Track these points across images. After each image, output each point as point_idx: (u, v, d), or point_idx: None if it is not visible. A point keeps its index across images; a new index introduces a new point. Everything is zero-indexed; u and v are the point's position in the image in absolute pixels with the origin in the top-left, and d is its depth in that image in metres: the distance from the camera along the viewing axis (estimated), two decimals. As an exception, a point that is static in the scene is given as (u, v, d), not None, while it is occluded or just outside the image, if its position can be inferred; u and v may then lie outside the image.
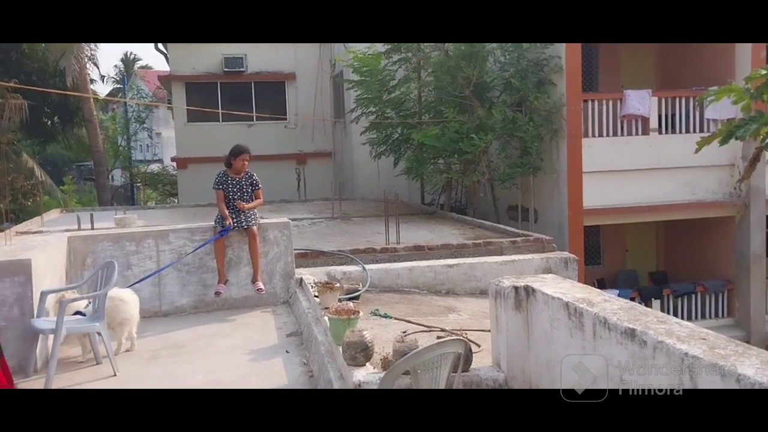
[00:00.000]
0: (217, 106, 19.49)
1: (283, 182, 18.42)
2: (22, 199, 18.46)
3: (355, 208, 14.33)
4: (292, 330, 6.09)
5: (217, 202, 7.12)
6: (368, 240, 9.40)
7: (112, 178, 30.81)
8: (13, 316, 5.12)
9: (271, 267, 7.18)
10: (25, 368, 5.04)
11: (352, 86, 14.26)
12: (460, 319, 6.44)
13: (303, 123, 20.20)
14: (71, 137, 24.87)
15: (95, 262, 6.60)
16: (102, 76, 50.54)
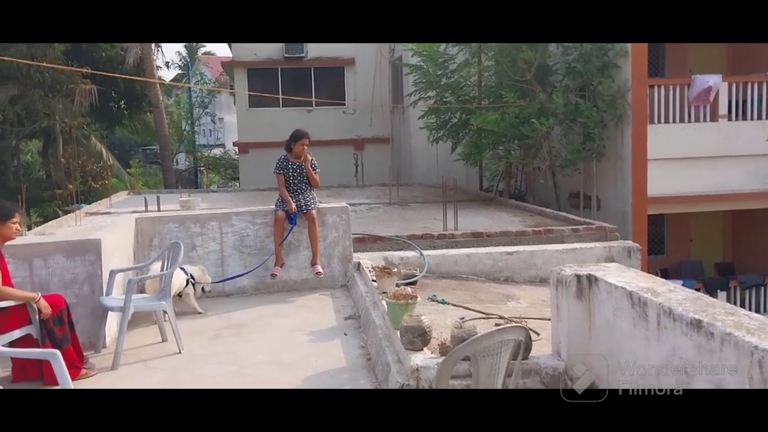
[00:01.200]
0: (278, 91, 19.73)
1: (341, 167, 18.55)
2: (92, 181, 19.14)
3: (413, 194, 14.32)
4: (350, 313, 6.15)
5: (278, 186, 7.22)
6: (426, 226, 9.40)
7: (176, 161, 31.62)
8: (84, 294, 5.32)
9: (329, 251, 7.26)
10: (94, 344, 5.24)
11: (411, 71, 14.20)
12: (519, 306, 6.39)
13: (361, 108, 20.27)
14: (138, 122, 25.61)
15: (161, 242, 6.80)
16: (167, 62, 51.67)
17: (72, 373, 4.18)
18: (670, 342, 3.19)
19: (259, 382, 4.52)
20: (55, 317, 4.47)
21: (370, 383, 4.44)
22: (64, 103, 17.76)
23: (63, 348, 4.29)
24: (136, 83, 20.51)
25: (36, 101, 17.31)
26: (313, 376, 4.60)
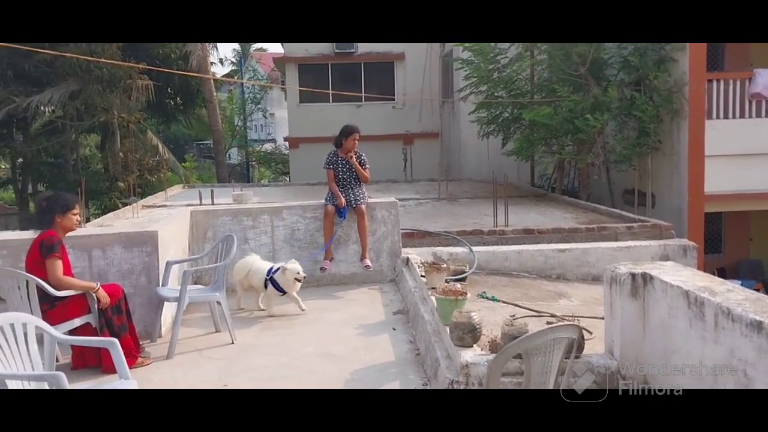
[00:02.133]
0: (328, 87, 19.87)
1: (390, 162, 18.57)
2: (148, 174, 19.63)
3: (462, 189, 14.24)
4: (398, 308, 6.17)
5: (328, 181, 7.29)
6: (475, 222, 9.34)
7: (229, 156, 32.18)
8: (141, 284, 5.47)
9: (378, 245, 7.28)
10: (150, 333, 5.39)
11: (462, 66, 14.10)
12: (571, 304, 6.29)
13: (411, 103, 20.23)
14: (192, 117, 26.13)
15: (215, 235, 6.94)
16: (220, 59, 52.55)
17: (129, 361, 4.29)
18: (728, 343, 3.11)
19: (310, 374, 4.58)
20: (113, 306, 4.61)
21: (419, 378, 4.44)
22: (122, 99, 18.23)
23: (121, 336, 4.42)
24: (192, 79, 20.92)
25: (94, 96, 17.80)
26: (362, 370, 4.62)
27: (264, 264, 6.22)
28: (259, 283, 6.09)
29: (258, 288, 6.16)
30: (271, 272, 6.04)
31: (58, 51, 15.24)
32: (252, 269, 6.16)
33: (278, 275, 5.98)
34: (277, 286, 5.99)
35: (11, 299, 4.44)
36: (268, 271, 6.06)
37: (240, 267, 6.24)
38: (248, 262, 6.25)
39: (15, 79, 18.11)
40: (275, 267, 6.08)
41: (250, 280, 6.17)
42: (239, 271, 6.23)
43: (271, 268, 6.07)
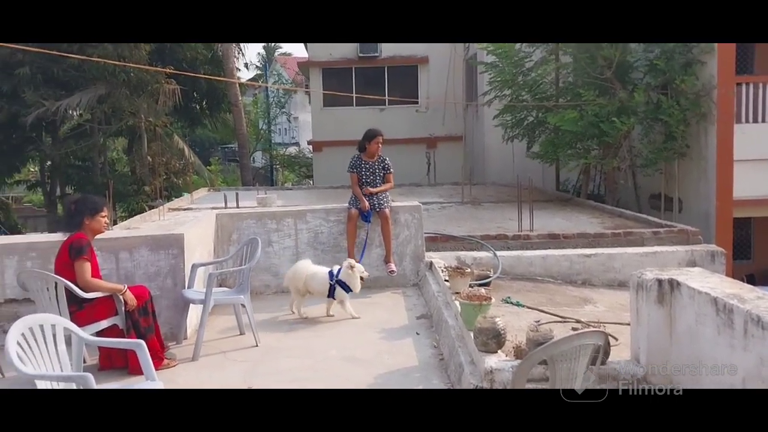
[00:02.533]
0: (352, 90, 19.93)
1: (414, 166, 18.57)
2: (174, 177, 19.83)
3: (486, 193, 14.19)
4: (421, 312, 6.15)
5: (351, 185, 7.30)
6: (499, 226, 9.29)
7: (253, 159, 32.41)
8: (167, 287, 5.53)
9: (401, 249, 7.28)
10: (176, 335, 5.44)
11: (486, 69, 14.05)
12: (597, 310, 6.23)
13: (434, 107, 20.22)
14: (218, 121, 26.36)
15: (240, 238, 6.99)
16: (245, 63, 52.99)
17: (155, 363, 4.32)
18: (757, 351, 3.06)
19: (334, 377, 4.59)
20: (139, 308, 4.66)
21: (442, 383, 4.43)
22: (149, 103, 18.44)
23: (147, 338, 4.46)
24: (217, 83, 21.12)
25: (122, 100, 18.03)
26: (386, 374, 4.62)
27: (319, 268, 6.14)
28: (321, 287, 6.01)
29: (319, 293, 6.06)
30: (335, 275, 5.98)
31: (86, 55, 15.49)
32: (309, 273, 6.05)
33: (346, 274, 5.95)
34: (345, 286, 5.97)
35: (40, 300, 4.51)
36: (331, 275, 5.99)
37: (297, 273, 6.10)
38: (304, 267, 6.13)
39: (44, 83, 18.41)
40: (336, 269, 6.04)
41: (309, 285, 6.04)
42: (296, 278, 6.08)
43: (331, 271, 6.02)
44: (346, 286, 5.96)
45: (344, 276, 5.95)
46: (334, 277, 5.97)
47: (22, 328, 3.21)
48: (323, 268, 6.14)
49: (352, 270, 5.95)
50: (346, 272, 5.95)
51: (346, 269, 5.96)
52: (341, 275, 5.95)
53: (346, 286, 5.96)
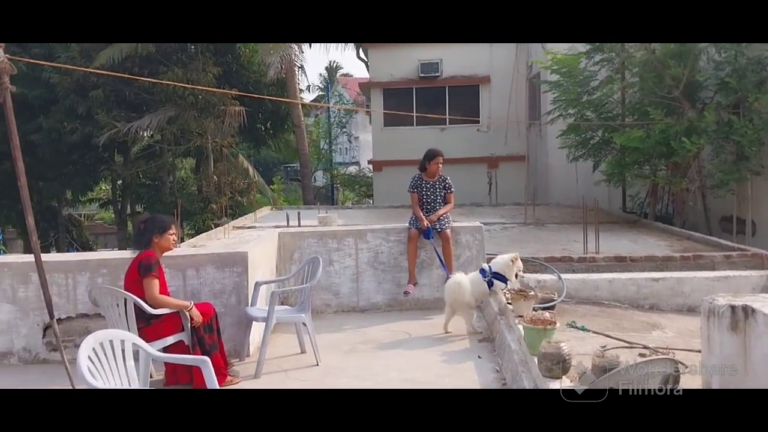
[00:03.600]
0: (412, 110, 20.02)
1: (475, 186, 18.44)
2: (239, 196, 20.26)
3: (550, 214, 13.94)
4: (483, 336, 6.05)
5: (412, 204, 7.28)
6: (564, 248, 9.10)
7: (314, 179, 32.84)
8: (231, 304, 5.62)
9: (462, 270, 7.18)
10: (239, 352, 5.51)
11: (550, 88, 13.88)
12: (665, 336, 6.00)
13: (496, 126, 20.08)
14: (281, 141, 26.86)
15: (301, 256, 7.06)
16: (308, 86, 53.94)
17: (219, 379, 4.39)
18: None
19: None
20: (205, 325, 4.74)
21: (505, 408, 4.32)
22: (215, 124, 18.96)
23: (211, 355, 4.53)
24: (281, 105, 21.56)
25: (190, 122, 18.61)
26: (447, 398, 4.54)
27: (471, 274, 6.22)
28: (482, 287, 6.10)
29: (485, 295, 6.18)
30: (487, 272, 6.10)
31: (157, 79, 16.07)
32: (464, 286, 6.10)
33: (506, 265, 6.06)
34: (502, 278, 6.08)
35: (110, 316, 4.65)
36: (483, 273, 6.12)
37: (461, 286, 6.12)
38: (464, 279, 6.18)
39: (117, 105, 19.19)
40: (485, 266, 6.17)
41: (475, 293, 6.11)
42: (453, 292, 6.14)
43: (483, 270, 6.14)
44: (503, 277, 6.07)
45: (503, 267, 6.07)
46: (487, 274, 6.09)
47: (93, 343, 3.30)
48: (471, 273, 6.27)
49: (513, 262, 6.07)
50: (506, 263, 6.07)
51: (507, 261, 6.08)
52: (499, 267, 6.08)
53: (502, 278, 6.08)
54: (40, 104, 19.36)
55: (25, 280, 5.57)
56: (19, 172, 4.57)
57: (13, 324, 5.60)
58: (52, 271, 5.37)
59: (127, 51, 18.18)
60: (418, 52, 20.90)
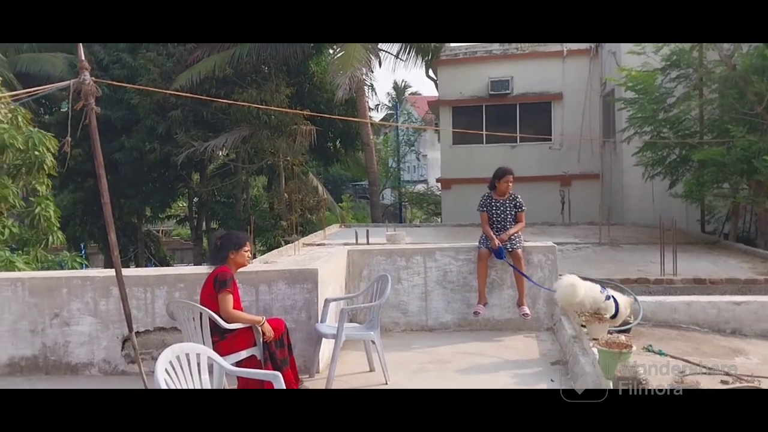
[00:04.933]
0: (482, 128, 19.91)
1: (547, 204, 18.13)
2: (308, 213, 20.59)
3: (625, 234, 13.55)
4: (556, 358, 5.91)
5: (481, 223, 7.19)
6: (640, 269, 8.83)
7: (382, 196, 33.05)
8: (301, 320, 5.69)
9: (534, 291, 7.06)
10: (309, 368, 5.56)
11: (625, 105, 13.57)
12: (749, 363, 5.71)
13: (568, 144, 19.74)
14: (350, 159, 27.19)
15: (370, 274, 7.09)
16: (377, 105, 54.57)
17: (289, 394, 4.46)
18: None
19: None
20: (276, 340, 4.81)
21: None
22: (287, 143, 19.35)
23: (282, 370, 4.58)
24: (351, 124, 21.86)
25: (263, 141, 19.07)
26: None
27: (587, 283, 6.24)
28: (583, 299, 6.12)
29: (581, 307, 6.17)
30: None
31: (232, 100, 16.58)
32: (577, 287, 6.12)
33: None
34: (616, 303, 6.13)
35: (186, 329, 4.78)
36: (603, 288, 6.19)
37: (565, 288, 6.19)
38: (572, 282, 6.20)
39: (194, 125, 19.88)
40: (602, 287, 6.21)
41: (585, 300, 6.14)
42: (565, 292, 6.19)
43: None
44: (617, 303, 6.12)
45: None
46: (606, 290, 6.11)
47: (170, 356, 3.40)
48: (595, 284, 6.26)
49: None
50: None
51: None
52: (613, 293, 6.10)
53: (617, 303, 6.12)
54: (122, 125, 20.24)
55: (106, 293, 5.80)
56: (103, 189, 4.79)
57: (94, 336, 5.83)
58: (131, 286, 5.58)
59: (204, 73, 18.84)
60: (488, 70, 20.84)
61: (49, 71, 20.80)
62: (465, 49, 22.01)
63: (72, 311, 5.83)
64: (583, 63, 20.03)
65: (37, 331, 5.84)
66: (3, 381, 5.66)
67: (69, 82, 4.69)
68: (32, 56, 21.83)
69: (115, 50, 20.86)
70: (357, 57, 17.72)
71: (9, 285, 5.88)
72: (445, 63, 21.92)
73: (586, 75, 19.81)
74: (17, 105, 10.70)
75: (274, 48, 19.31)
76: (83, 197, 21.23)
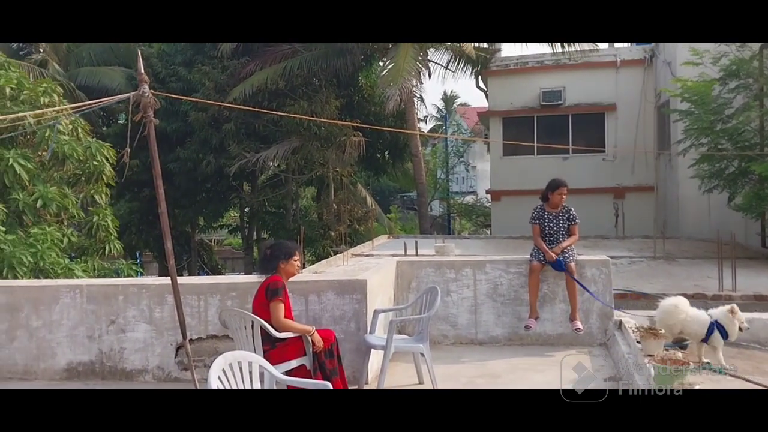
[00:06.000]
0: (533, 139, 19.70)
1: (600, 217, 17.80)
2: (357, 224, 20.69)
3: (681, 248, 13.19)
4: (609, 374, 5.77)
5: (533, 236, 7.09)
6: (697, 284, 8.57)
7: (431, 208, 32.99)
8: (350, 330, 5.69)
9: (587, 306, 6.91)
10: (358, 379, 5.55)
11: (681, 117, 13.25)
12: (816, 384, 5.45)
13: (622, 155, 19.37)
14: (399, 170, 27.24)
15: (419, 286, 7.05)
16: (425, 116, 54.66)
17: (338, 405, 4.46)
18: None
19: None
20: (326, 350, 4.83)
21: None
22: (337, 154, 19.53)
23: (332, 380, 4.60)
24: (400, 135, 21.92)
25: (313, 152, 19.29)
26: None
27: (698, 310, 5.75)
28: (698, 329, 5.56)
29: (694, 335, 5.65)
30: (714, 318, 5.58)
31: (284, 112, 16.83)
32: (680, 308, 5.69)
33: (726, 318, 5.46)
34: (723, 331, 5.48)
35: (238, 338, 4.84)
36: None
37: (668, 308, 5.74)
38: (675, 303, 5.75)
39: (247, 137, 20.24)
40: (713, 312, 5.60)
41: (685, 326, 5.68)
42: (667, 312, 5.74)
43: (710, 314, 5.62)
44: (724, 331, 5.47)
45: (723, 319, 5.46)
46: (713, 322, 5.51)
47: (223, 364, 3.44)
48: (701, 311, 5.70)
49: (732, 314, 5.46)
50: (726, 316, 5.46)
51: (726, 312, 5.49)
52: (720, 318, 5.46)
53: (723, 331, 5.47)
54: (177, 136, 20.75)
55: (161, 301, 5.92)
56: (160, 199, 4.90)
57: (149, 343, 5.96)
58: (185, 294, 5.67)
59: (257, 86, 19.18)
60: (539, 80, 20.65)
61: (107, 84, 21.51)
62: (516, 60, 21.86)
63: (128, 318, 5.97)
64: (637, 73, 19.65)
65: (94, 337, 6.00)
66: (61, 385, 5.83)
67: (129, 95, 4.82)
68: (91, 69, 22.62)
69: (171, 64, 21.44)
70: (407, 68, 17.76)
71: (68, 292, 6.06)
72: (496, 73, 21.80)
73: (641, 85, 19.44)
74: (77, 117, 11.09)
75: (324, 60, 19.54)
76: (139, 207, 21.80)
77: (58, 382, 5.91)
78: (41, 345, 6.03)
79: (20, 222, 10.04)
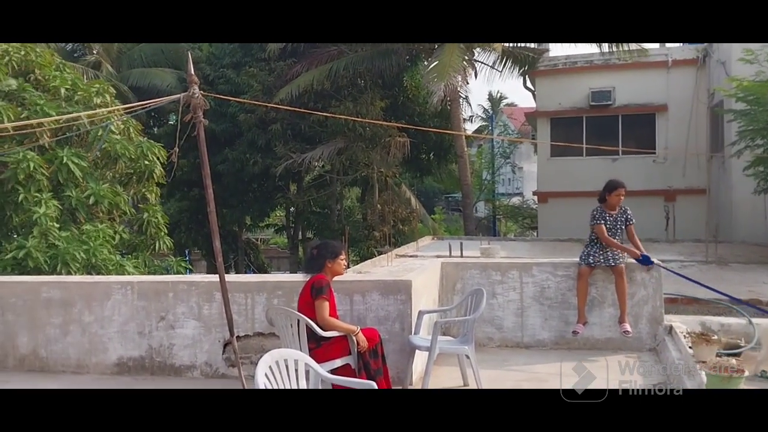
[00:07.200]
0: (581, 140, 19.38)
1: (649, 220, 17.36)
2: (401, 225, 20.70)
3: (734, 252, 12.80)
4: (658, 380, 5.62)
5: (599, 234, 6.79)
6: (751, 290, 8.31)
7: (476, 209, 32.78)
8: (395, 331, 5.68)
9: (636, 310, 6.76)
10: (402, 380, 5.54)
11: (735, 117, 12.86)
12: None
13: (673, 157, 18.92)
14: (443, 171, 27.14)
15: (464, 287, 7.00)
16: (470, 116, 54.30)
17: (383, 405, 4.45)
18: None
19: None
20: (370, 350, 4.83)
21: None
22: (381, 155, 19.57)
23: (376, 380, 4.60)
24: (445, 136, 21.84)
25: (358, 153, 19.38)
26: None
27: None
28: None
29: None
30: None
31: (329, 113, 16.96)
32: None
33: None
34: None
35: (284, 336, 4.88)
36: None
37: None
38: None
39: (293, 137, 20.47)
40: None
41: None
42: None
43: None
44: None
45: None
46: None
47: (270, 362, 3.48)
48: None
49: None
50: None
51: None
52: None
53: None
54: (225, 137, 21.10)
55: (209, 298, 6.02)
56: (209, 198, 4.99)
57: (198, 339, 6.06)
58: (233, 291, 5.76)
59: (303, 87, 19.36)
60: (588, 80, 20.33)
61: (158, 85, 22.02)
62: (564, 59, 21.55)
63: (177, 315, 6.09)
64: (690, 73, 19.18)
65: (144, 333, 6.14)
66: (112, 380, 5.98)
67: (180, 96, 4.92)
68: (142, 71, 23.17)
69: (220, 67, 21.81)
70: (453, 65, 17.67)
71: (120, 288, 6.21)
72: (544, 74, 21.53)
73: (693, 86, 18.95)
74: (129, 117, 11.38)
75: (370, 62, 19.61)
76: (189, 206, 22.24)
77: (109, 377, 6.07)
78: (93, 340, 6.20)
79: (73, 219, 10.33)
